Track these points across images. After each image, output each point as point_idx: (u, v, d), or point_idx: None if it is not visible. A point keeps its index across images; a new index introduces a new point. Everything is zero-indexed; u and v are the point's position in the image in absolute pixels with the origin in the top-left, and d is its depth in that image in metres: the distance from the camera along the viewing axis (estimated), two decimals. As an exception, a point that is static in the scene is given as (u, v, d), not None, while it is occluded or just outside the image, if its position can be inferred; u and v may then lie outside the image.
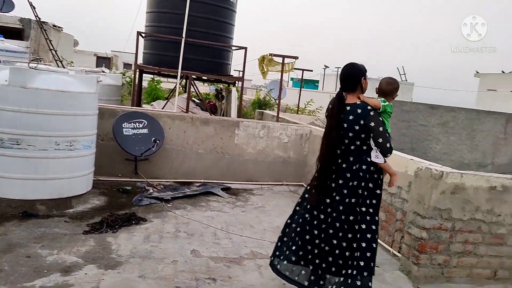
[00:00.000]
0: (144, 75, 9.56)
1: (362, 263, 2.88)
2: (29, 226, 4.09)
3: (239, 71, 10.09)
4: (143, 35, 8.33)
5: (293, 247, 3.12)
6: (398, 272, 3.72)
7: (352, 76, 3.07)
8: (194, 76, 8.19)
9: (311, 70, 12.42)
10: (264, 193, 6.37)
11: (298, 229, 3.15)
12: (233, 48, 8.77)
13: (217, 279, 3.41)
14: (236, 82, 9.26)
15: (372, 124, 2.94)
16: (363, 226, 2.93)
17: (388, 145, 2.95)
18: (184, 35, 7.55)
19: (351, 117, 2.97)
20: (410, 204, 3.60)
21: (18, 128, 4.27)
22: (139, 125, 6.09)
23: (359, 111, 2.97)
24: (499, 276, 3.72)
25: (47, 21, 14.38)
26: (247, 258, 3.90)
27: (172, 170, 6.41)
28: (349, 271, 2.91)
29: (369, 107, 2.98)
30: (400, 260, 3.73)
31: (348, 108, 3.00)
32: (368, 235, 2.92)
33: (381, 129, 2.94)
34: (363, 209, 2.96)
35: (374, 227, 2.94)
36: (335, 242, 2.97)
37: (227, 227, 4.69)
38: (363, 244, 2.91)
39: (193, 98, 9.81)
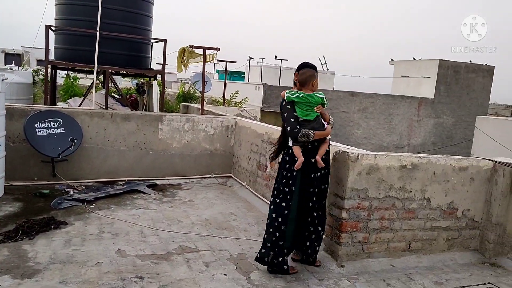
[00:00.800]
0: (60, 72, 8.99)
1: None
2: None
3: (161, 64, 9.87)
4: (54, 29, 7.80)
5: None
6: (322, 253, 3.89)
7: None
8: (112, 71, 7.84)
9: (235, 62, 12.50)
10: (192, 187, 6.32)
11: None
12: (152, 40, 8.53)
13: (144, 277, 3.34)
14: (157, 75, 9.03)
15: (281, 112, 3.48)
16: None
17: (289, 129, 3.38)
18: (98, 28, 7.20)
19: None
20: (330, 186, 3.77)
21: None
22: (54, 124, 5.73)
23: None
24: (413, 248, 4.03)
25: None
26: (175, 253, 3.85)
27: (93, 170, 6.13)
28: None
29: (282, 100, 3.50)
30: (324, 240, 3.91)
31: None
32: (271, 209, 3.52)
33: (285, 115, 3.43)
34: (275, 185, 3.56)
35: (272, 204, 3.52)
36: None
37: (154, 224, 4.60)
38: (268, 221, 3.53)
39: (113, 94, 9.40)
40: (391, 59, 25.25)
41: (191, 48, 7.58)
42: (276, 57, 27.00)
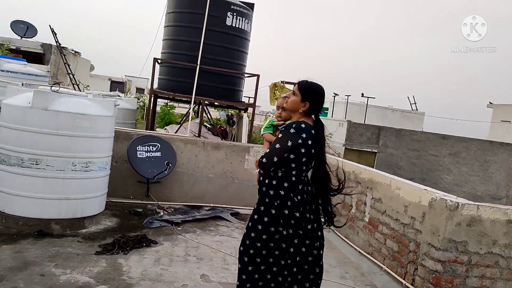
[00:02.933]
0: (158, 100, 9.75)
1: None
2: (43, 245, 4.12)
3: (249, 97, 10.21)
4: (159, 61, 8.53)
5: None
6: (410, 305, 3.66)
7: None
8: (207, 102, 8.32)
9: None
10: (274, 219, 6.34)
11: None
12: (245, 75, 8.93)
13: (228, 305, 3.38)
14: (248, 108, 9.39)
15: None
16: None
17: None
18: (199, 62, 7.73)
19: None
20: (424, 235, 3.57)
21: (38, 149, 4.37)
22: (152, 148, 6.17)
23: None
24: (515, 312, 3.63)
25: (67, 47, 14.80)
26: (258, 285, 3.86)
27: (182, 193, 6.44)
28: None
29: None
30: (413, 292, 3.67)
31: None
32: None
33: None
34: None
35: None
36: None
37: (236, 253, 4.66)
38: None
39: (205, 123, 9.93)
40: (490, 102, 23.63)
41: (282, 84, 7.81)
42: (362, 94, 26.63)
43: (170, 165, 6.11)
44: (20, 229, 4.39)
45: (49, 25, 13.55)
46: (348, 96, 27.23)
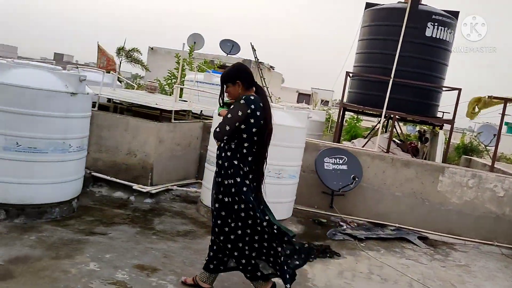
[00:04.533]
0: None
1: None
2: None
3: (443, 112, 9.42)
4: (351, 75, 8.61)
5: None
6: None
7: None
8: (398, 116, 8.00)
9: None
10: (468, 250, 5.67)
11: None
12: (443, 89, 8.26)
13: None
14: (443, 124, 8.65)
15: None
16: None
17: None
18: (392, 75, 7.51)
19: None
20: None
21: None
22: (339, 161, 6.25)
23: None
24: None
25: (263, 61, 16.29)
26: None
27: (366, 209, 6.32)
28: None
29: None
30: None
31: None
32: None
33: None
34: None
35: None
36: None
37: (424, 280, 4.34)
38: None
39: (394, 139, 9.55)
40: None
41: (489, 99, 6.94)
42: None
43: (357, 179, 6.07)
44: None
45: (250, 43, 15.15)
46: None
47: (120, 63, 14.59)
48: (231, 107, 3.16)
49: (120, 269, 3.44)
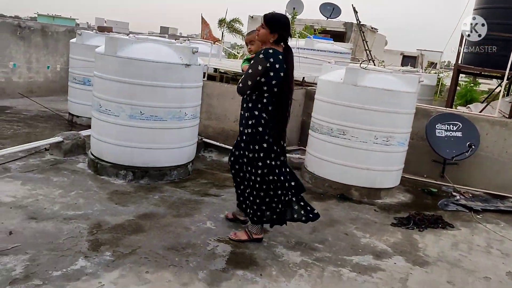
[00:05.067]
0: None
1: None
2: (345, 207, 4.60)
3: None
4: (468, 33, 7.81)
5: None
6: None
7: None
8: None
9: None
10: None
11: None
12: None
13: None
14: None
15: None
16: None
17: None
18: (517, 31, 6.67)
19: None
20: None
21: (346, 121, 4.83)
22: (453, 128, 5.83)
23: None
24: None
25: (365, 24, 15.50)
26: None
27: (483, 180, 5.85)
28: None
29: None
30: None
31: None
32: None
33: None
34: None
35: None
36: None
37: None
38: None
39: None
40: None
41: None
42: None
43: (473, 147, 5.62)
44: (326, 190, 5.02)
45: (352, 5, 14.45)
46: None
47: (223, 34, 15.00)
48: (251, 62, 3.23)
49: (234, 228, 3.68)
